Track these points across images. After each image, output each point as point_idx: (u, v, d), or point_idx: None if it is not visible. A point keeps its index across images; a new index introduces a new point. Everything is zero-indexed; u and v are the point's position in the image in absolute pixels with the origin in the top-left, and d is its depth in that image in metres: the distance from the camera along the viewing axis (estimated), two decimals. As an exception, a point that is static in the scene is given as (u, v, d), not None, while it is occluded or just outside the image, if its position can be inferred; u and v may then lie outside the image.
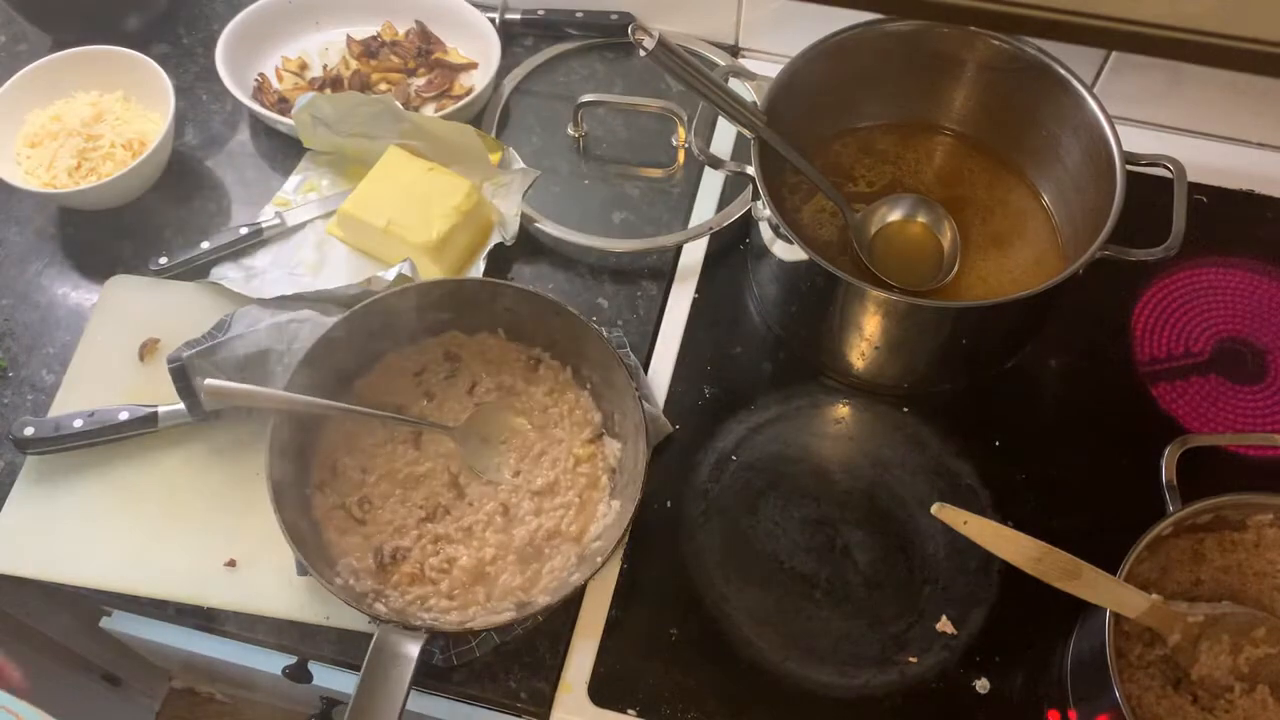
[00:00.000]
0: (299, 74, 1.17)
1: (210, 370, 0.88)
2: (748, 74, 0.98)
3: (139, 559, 0.86)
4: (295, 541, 0.76)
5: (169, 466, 0.91)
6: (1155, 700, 0.75)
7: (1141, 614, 0.72)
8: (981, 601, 0.85)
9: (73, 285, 1.04)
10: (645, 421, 0.82)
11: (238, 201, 1.09)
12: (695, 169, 1.10)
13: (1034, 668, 0.82)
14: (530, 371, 0.91)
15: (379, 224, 0.99)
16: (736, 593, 0.86)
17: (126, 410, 0.90)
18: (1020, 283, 0.96)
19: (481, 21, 1.15)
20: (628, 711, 0.81)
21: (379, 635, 0.74)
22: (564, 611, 0.84)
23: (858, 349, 0.92)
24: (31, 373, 0.98)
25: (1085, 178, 0.93)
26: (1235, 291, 1.02)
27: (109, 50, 1.10)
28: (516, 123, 1.15)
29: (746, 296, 1.02)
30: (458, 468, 0.87)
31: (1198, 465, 0.84)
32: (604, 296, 1.02)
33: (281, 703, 1.24)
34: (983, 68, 0.98)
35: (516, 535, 0.83)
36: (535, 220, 1.04)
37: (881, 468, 0.92)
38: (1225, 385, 0.97)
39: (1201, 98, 1.09)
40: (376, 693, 0.72)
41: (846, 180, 1.02)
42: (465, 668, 0.82)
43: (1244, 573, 0.79)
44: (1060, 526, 0.81)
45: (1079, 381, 0.97)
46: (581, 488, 0.86)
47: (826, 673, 0.82)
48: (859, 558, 0.87)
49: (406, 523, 0.84)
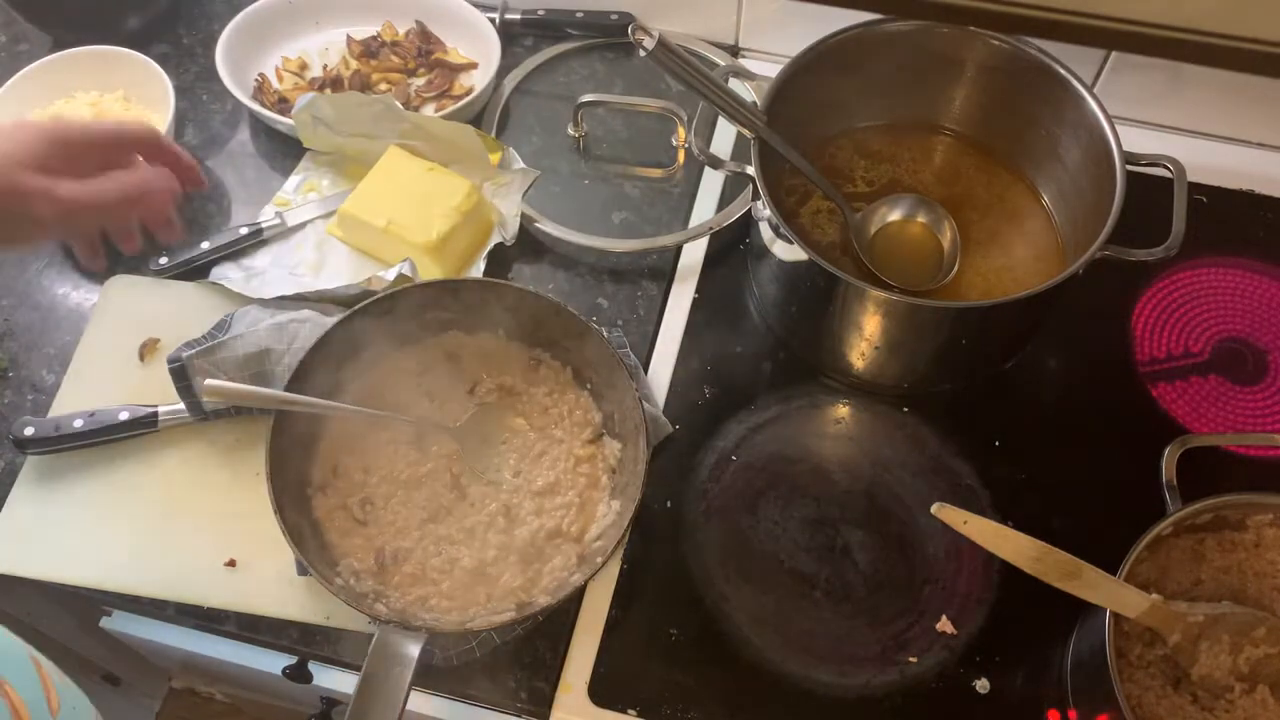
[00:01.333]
0: (299, 74, 1.17)
1: (210, 370, 0.88)
2: (748, 74, 0.98)
3: (139, 559, 0.86)
4: (296, 542, 0.76)
5: (169, 466, 0.91)
6: (1155, 700, 0.75)
7: (1141, 614, 0.72)
8: (981, 601, 0.85)
9: (73, 285, 1.04)
10: (645, 421, 0.82)
11: (238, 201, 1.09)
12: (695, 169, 1.10)
13: (1034, 668, 0.82)
14: (531, 372, 0.91)
15: (379, 224, 0.99)
16: (736, 593, 0.86)
17: (126, 410, 0.90)
18: (1020, 283, 0.96)
19: (481, 21, 1.15)
20: (628, 711, 0.81)
21: (379, 635, 0.74)
22: (564, 611, 0.84)
23: (858, 349, 0.92)
24: (31, 373, 0.98)
25: (1085, 178, 0.93)
26: (1235, 291, 1.03)
27: (109, 50, 1.10)
28: (516, 123, 1.15)
29: (746, 296, 1.02)
30: (459, 468, 0.87)
31: (1198, 465, 0.84)
32: (604, 296, 1.02)
33: (281, 703, 1.24)
34: (983, 68, 0.98)
35: (518, 536, 0.83)
36: (535, 220, 1.04)
37: (881, 468, 0.92)
38: (1225, 385, 0.97)
39: (1201, 98, 1.09)
40: (376, 693, 0.72)
41: (846, 180, 1.02)
42: (465, 668, 0.82)
43: (1244, 573, 0.79)
44: (1060, 526, 0.81)
45: (1079, 381, 0.97)
46: (582, 487, 0.86)
47: (826, 673, 0.82)
48: (859, 558, 0.87)
49: (408, 523, 0.84)
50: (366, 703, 0.71)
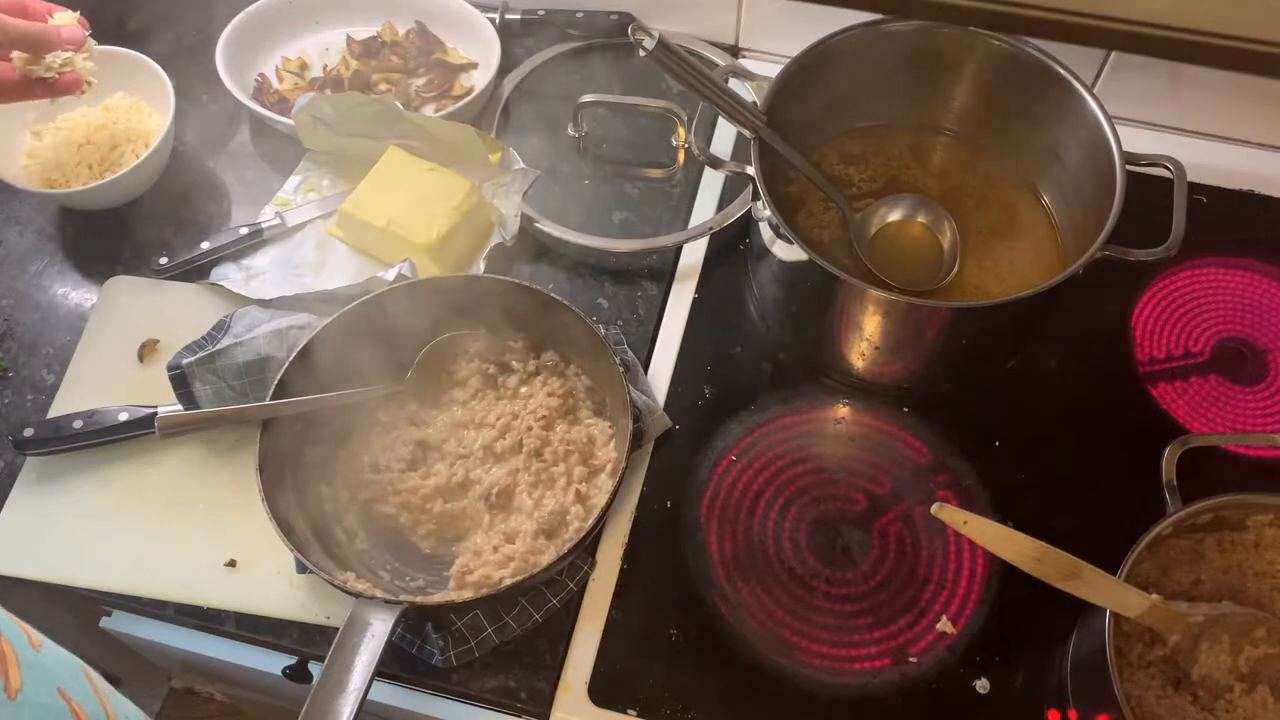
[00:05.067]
0: (299, 74, 1.17)
1: (210, 378, 0.88)
2: (748, 74, 0.98)
3: (139, 559, 0.87)
4: (285, 532, 0.77)
5: (169, 467, 0.91)
6: (1155, 700, 0.75)
7: (1141, 614, 0.72)
8: (981, 601, 0.85)
9: (73, 285, 1.04)
10: (628, 390, 0.84)
11: (238, 201, 1.09)
12: (695, 169, 1.10)
13: (1034, 668, 0.82)
14: (499, 354, 0.93)
15: (379, 224, 0.99)
16: (736, 593, 0.86)
17: (126, 411, 0.90)
18: (1020, 283, 0.96)
19: (481, 21, 1.15)
20: (628, 711, 0.81)
21: (353, 609, 0.74)
22: (564, 611, 0.84)
23: (858, 349, 0.92)
24: (31, 373, 0.98)
25: (1085, 178, 0.93)
26: (1235, 291, 1.02)
27: (109, 50, 1.09)
28: (516, 123, 1.15)
29: (746, 296, 1.02)
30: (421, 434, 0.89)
31: (1198, 465, 0.84)
32: (604, 296, 1.02)
33: (281, 703, 1.24)
34: (983, 68, 0.98)
35: (523, 511, 0.85)
36: (535, 220, 1.04)
37: (881, 468, 0.92)
38: (1225, 385, 0.97)
39: (1201, 98, 1.09)
40: (343, 668, 0.72)
41: (846, 180, 1.02)
42: (465, 668, 0.82)
43: (1244, 573, 0.79)
44: (1060, 526, 0.81)
45: (1079, 381, 0.97)
46: (580, 449, 0.88)
47: (826, 673, 0.82)
48: (859, 558, 0.87)
49: (412, 500, 0.86)
50: (332, 676, 0.71)
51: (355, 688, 0.70)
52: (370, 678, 0.71)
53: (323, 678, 0.71)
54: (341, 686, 0.70)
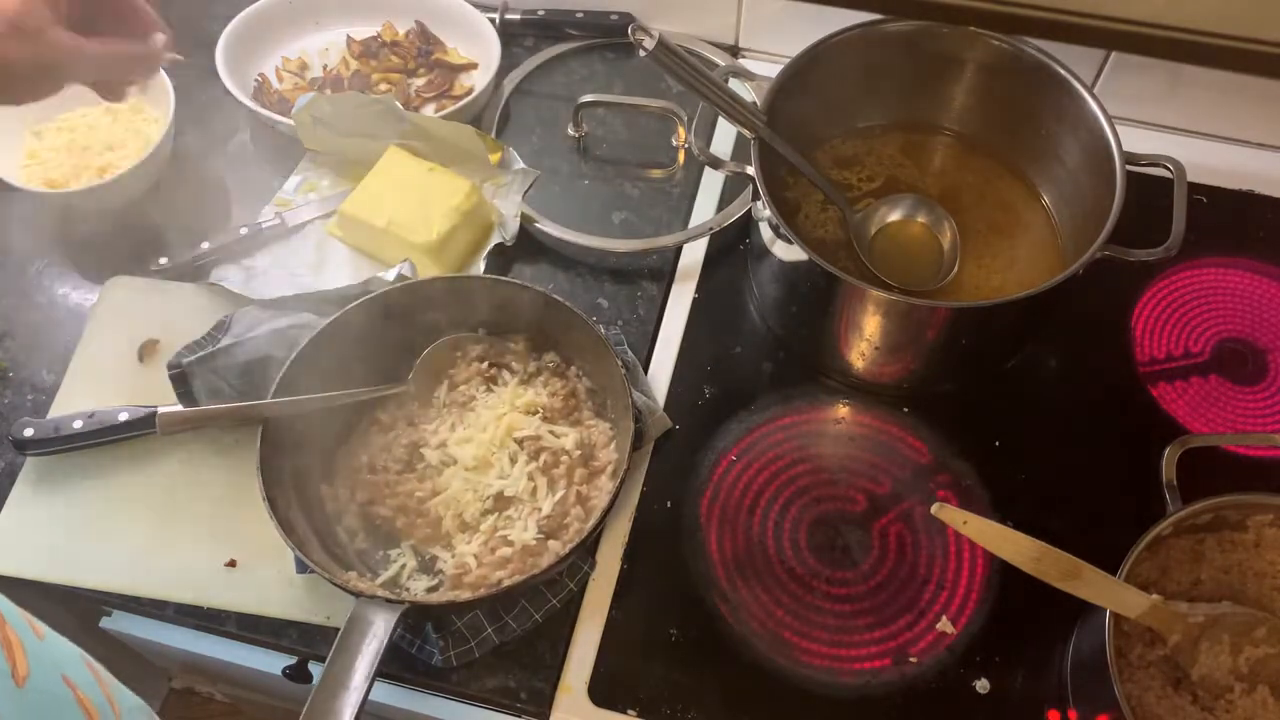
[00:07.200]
0: (299, 74, 1.17)
1: (210, 377, 0.88)
2: (748, 74, 0.98)
3: (139, 560, 0.87)
4: (287, 531, 0.77)
5: (169, 467, 0.91)
6: (1155, 700, 0.75)
7: (1141, 614, 0.72)
8: (981, 601, 0.85)
9: (73, 285, 1.04)
10: (629, 388, 0.84)
11: (238, 202, 1.09)
12: (695, 169, 1.10)
13: (1034, 668, 0.82)
14: (500, 356, 0.93)
15: (379, 224, 0.99)
16: (736, 593, 0.86)
17: (126, 411, 0.89)
18: (1020, 283, 0.96)
19: (481, 21, 1.15)
20: (628, 711, 0.81)
21: (355, 609, 0.75)
22: (564, 612, 0.84)
23: (858, 349, 0.92)
24: (31, 373, 0.98)
25: (1085, 178, 0.93)
26: (1235, 291, 1.02)
27: (109, 50, 1.09)
28: (516, 123, 1.15)
29: (746, 296, 1.02)
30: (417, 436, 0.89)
31: (1198, 465, 0.84)
32: (604, 296, 1.02)
33: (281, 703, 1.24)
34: (983, 68, 0.98)
35: (523, 512, 0.85)
36: (535, 220, 1.04)
37: (881, 468, 0.92)
38: (1225, 385, 0.97)
39: (1201, 98, 1.09)
40: (345, 667, 0.72)
41: (846, 180, 1.02)
42: (465, 668, 0.82)
43: (1244, 573, 0.79)
44: (1060, 526, 0.81)
45: (1079, 382, 0.97)
46: (584, 471, 0.87)
47: (826, 673, 0.82)
48: (859, 558, 0.87)
49: (408, 504, 0.86)
50: (335, 675, 0.71)
51: (357, 686, 0.71)
52: (372, 677, 0.71)
53: (325, 677, 0.71)
54: (343, 685, 0.71)
